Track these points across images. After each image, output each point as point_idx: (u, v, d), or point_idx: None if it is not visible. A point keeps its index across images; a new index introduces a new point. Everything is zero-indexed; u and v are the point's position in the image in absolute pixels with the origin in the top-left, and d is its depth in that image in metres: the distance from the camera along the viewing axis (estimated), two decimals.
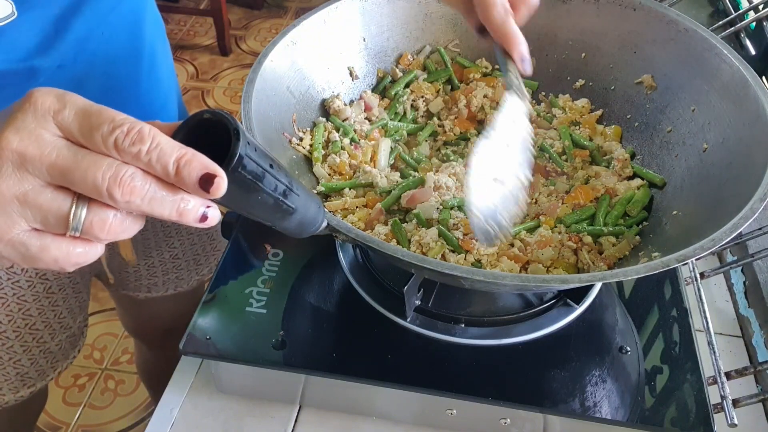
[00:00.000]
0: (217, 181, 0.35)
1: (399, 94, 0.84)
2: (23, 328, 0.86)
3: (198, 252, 1.07)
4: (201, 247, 1.07)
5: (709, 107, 0.70)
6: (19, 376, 0.89)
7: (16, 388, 0.90)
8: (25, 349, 0.88)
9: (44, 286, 0.86)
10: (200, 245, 1.07)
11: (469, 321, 0.69)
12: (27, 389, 0.91)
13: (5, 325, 0.84)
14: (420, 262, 0.53)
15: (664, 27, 0.75)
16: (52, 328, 0.90)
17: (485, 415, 0.66)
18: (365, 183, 0.74)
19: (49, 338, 0.90)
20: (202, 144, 0.37)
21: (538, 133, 0.82)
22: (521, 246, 0.68)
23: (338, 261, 0.75)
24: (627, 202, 0.71)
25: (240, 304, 0.70)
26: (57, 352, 0.93)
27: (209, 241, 1.09)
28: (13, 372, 0.88)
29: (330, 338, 0.68)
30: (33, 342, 0.88)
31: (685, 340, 0.68)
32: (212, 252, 1.10)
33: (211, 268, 1.12)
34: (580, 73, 0.84)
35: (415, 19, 0.85)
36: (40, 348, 0.90)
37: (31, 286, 0.84)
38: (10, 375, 0.88)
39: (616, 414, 0.62)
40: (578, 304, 0.71)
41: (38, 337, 0.88)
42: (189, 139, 0.38)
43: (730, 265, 0.84)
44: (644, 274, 0.51)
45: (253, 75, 0.67)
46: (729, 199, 0.59)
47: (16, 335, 0.86)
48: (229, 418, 0.71)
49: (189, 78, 2.83)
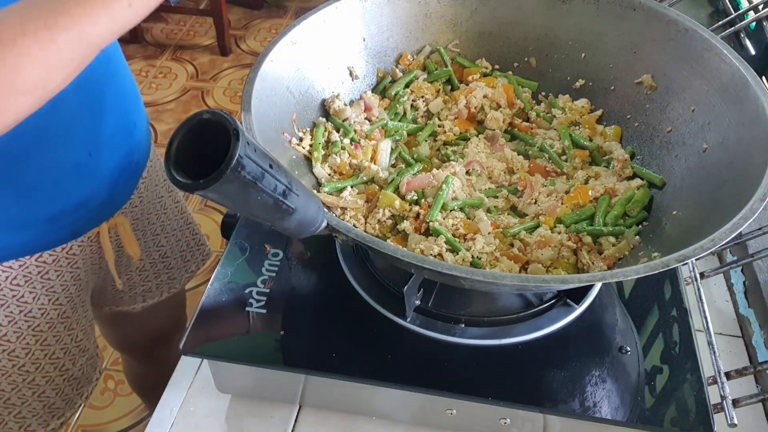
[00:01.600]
0: None
1: (399, 94, 0.84)
2: (43, 359, 0.84)
3: (183, 247, 1.07)
4: (185, 242, 1.07)
5: (709, 107, 0.70)
6: (46, 409, 0.87)
7: (45, 421, 0.88)
8: (47, 380, 0.86)
9: (58, 312, 0.84)
10: (184, 240, 1.06)
11: (469, 321, 0.69)
12: (57, 420, 0.89)
13: (23, 359, 0.82)
14: (420, 262, 0.53)
15: (664, 27, 0.75)
16: (71, 353, 0.88)
17: (485, 415, 0.66)
18: (367, 180, 0.74)
19: (71, 364, 0.88)
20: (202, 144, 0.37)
21: (538, 134, 0.83)
22: (521, 246, 0.68)
23: (338, 261, 0.75)
24: (627, 202, 0.71)
25: (240, 304, 0.70)
26: (81, 377, 0.91)
27: (192, 235, 1.09)
28: (40, 406, 0.86)
29: (330, 338, 0.68)
30: (55, 371, 0.86)
31: (685, 340, 0.68)
32: (197, 246, 1.10)
33: (198, 263, 1.12)
34: (580, 73, 0.84)
35: (415, 19, 0.85)
36: (63, 376, 0.88)
37: (45, 313, 0.82)
38: (37, 409, 0.86)
39: (616, 414, 0.62)
40: (578, 304, 0.71)
41: (60, 366, 0.87)
42: (188, 139, 0.38)
43: (730, 265, 0.84)
44: (644, 274, 0.51)
45: (252, 75, 0.67)
46: (729, 199, 0.59)
47: (36, 367, 0.84)
48: (229, 418, 0.71)
49: (189, 78, 2.83)
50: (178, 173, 0.40)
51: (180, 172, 0.40)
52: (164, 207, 0.99)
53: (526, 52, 0.87)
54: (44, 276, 0.80)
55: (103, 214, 0.84)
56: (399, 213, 0.71)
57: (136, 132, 0.86)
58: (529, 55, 0.87)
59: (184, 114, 2.64)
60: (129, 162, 0.86)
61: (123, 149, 0.83)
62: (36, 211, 0.75)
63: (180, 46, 3.03)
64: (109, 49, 0.77)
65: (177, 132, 0.39)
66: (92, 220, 0.83)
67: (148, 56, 2.95)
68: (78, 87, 0.71)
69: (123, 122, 0.82)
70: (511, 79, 0.86)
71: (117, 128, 0.80)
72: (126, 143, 0.84)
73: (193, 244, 1.09)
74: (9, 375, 0.82)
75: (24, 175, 0.71)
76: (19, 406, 0.85)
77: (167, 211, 1.00)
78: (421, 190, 0.72)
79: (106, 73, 0.77)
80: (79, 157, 0.75)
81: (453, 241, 0.66)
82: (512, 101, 0.85)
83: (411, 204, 0.71)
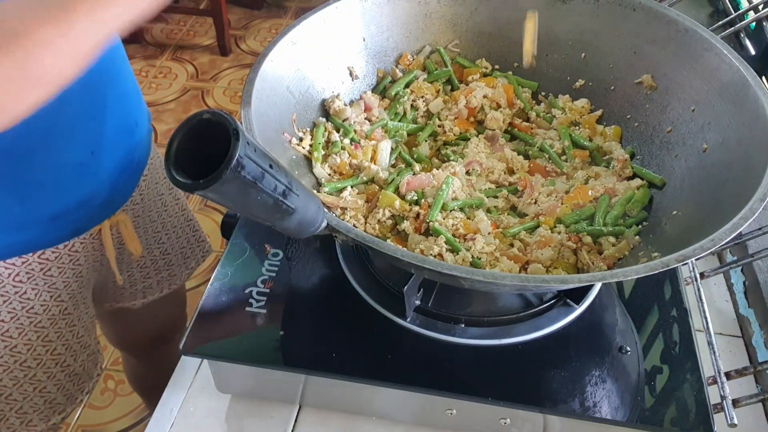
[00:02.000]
0: None
1: (399, 95, 0.84)
2: (44, 355, 0.84)
3: (184, 244, 1.07)
4: (185, 239, 1.07)
5: (709, 107, 0.70)
6: (47, 404, 0.88)
7: (47, 416, 0.89)
8: (49, 376, 0.86)
9: (60, 308, 0.84)
10: (185, 237, 1.07)
11: (469, 321, 0.69)
12: (58, 416, 0.90)
13: (25, 354, 0.82)
14: (420, 263, 0.53)
15: (664, 27, 0.75)
16: (73, 349, 0.88)
17: (485, 415, 0.66)
18: (367, 180, 0.74)
19: (72, 360, 0.89)
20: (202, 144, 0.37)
21: (538, 134, 0.83)
22: (521, 246, 0.68)
23: (338, 261, 0.75)
24: (627, 202, 0.71)
25: (240, 304, 0.70)
26: (82, 372, 0.92)
27: (192, 231, 1.09)
28: (41, 401, 0.87)
29: (330, 338, 0.68)
30: (57, 367, 0.87)
31: (685, 340, 0.68)
32: (197, 243, 1.10)
33: (199, 260, 1.12)
34: (580, 73, 0.84)
35: (415, 19, 0.85)
36: (64, 372, 0.88)
37: (46, 309, 0.82)
38: (39, 405, 0.87)
39: (616, 414, 0.62)
40: (578, 304, 0.71)
41: (61, 361, 0.87)
42: (188, 139, 0.38)
43: (730, 265, 0.84)
44: (644, 274, 0.51)
45: (252, 75, 0.67)
46: (729, 199, 0.59)
47: (37, 363, 0.84)
48: (229, 418, 0.71)
49: (189, 78, 2.83)
50: (178, 173, 0.40)
51: (180, 172, 0.40)
52: (165, 204, 1.00)
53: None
54: (47, 273, 0.80)
55: (105, 212, 0.85)
56: (399, 213, 0.71)
57: (137, 131, 0.86)
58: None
59: (184, 114, 2.64)
60: (130, 161, 0.86)
61: (125, 148, 0.83)
62: (38, 210, 0.75)
63: (180, 46, 3.03)
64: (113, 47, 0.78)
65: (177, 132, 0.39)
66: (94, 218, 0.83)
67: (148, 56, 2.95)
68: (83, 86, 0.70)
69: (125, 121, 0.82)
70: (511, 79, 0.86)
71: (119, 127, 0.81)
72: (127, 142, 0.84)
73: (194, 241, 1.09)
74: (11, 371, 0.82)
75: (27, 174, 0.71)
76: (20, 402, 0.85)
77: (168, 208, 1.01)
78: (421, 190, 0.72)
79: (110, 72, 0.78)
80: (81, 156, 0.75)
81: (453, 241, 0.66)
82: (512, 101, 0.85)
83: (411, 204, 0.71)
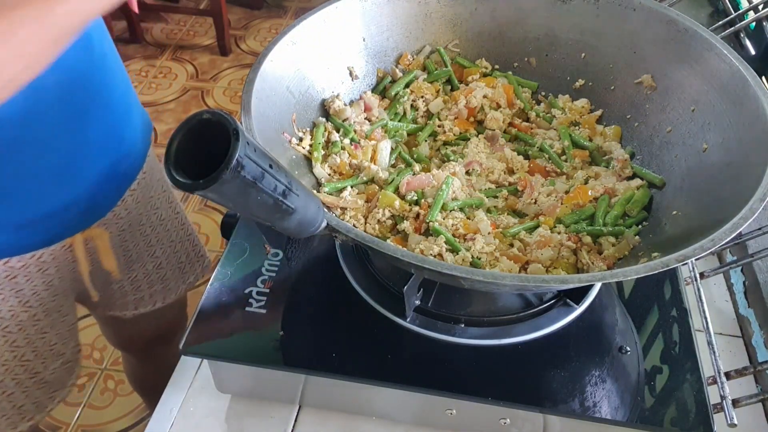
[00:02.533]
0: None
1: (399, 95, 0.84)
2: (11, 361, 0.83)
3: (182, 259, 1.04)
4: (184, 253, 1.04)
5: (709, 107, 0.70)
6: (15, 410, 0.86)
7: (14, 423, 0.87)
8: (17, 383, 0.84)
9: (28, 314, 0.82)
10: (183, 252, 1.04)
11: (469, 321, 0.69)
12: (26, 423, 0.88)
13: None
14: (420, 262, 0.53)
15: (664, 27, 0.75)
16: (43, 357, 0.86)
17: (485, 415, 0.66)
18: (367, 180, 0.74)
19: (42, 368, 0.87)
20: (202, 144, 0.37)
21: (538, 134, 0.83)
22: (521, 246, 0.68)
23: (338, 261, 0.75)
24: (626, 202, 0.71)
25: (240, 304, 0.70)
26: (53, 381, 0.89)
27: (192, 246, 1.06)
28: (9, 406, 0.85)
29: (330, 338, 0.68)
30: (25, 374, 0.85)
31: (685, 340, 0.68)
32: (196, 258, 1.07)
33: (198, 275, 1.09)
34: (580, 73, 0.84)
35: (415, 19, 0.85)
36: (33, 379, 0.86)
37: (14, 315, 0.80)
38: (6, 409, 0.85)
39: (616, 414, 0.62)
40: (578, 304, 0.71)
41: (30, 368, 0.85)
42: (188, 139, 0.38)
43: (730, 265, 0.84)
44: (644, 274, 0.51)
45: (252, 75, 0.67)
46: (729, 199, 0.59)
47: (5, 368, 0.82)
48: (228, 418, 0.71)
49: (189, 78, 2.83)
50: (178, 173, 0.40)
51: (180, 172, 0.40)
52: (161, 218, 0.96)
53: (526, 52, 0.87)
54: (12, 279, 0.78)
55: (79, 225, 0.82)
56: (399, 213, 0.71)
57: (124, 145, 0.83)
58: (529, 55, 0.87)
59: (184, 114, 2.64)
60: (114, 174, 0.83)
61: (107, 162, 0.80)
62: (4, 217, 0.72)
63: (180, 46, 3.03)
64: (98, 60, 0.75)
65: (177, 132, 0.39)
66: (66, 229, 0.81)
67: (148, 56, 2.95)
68: (59, 98, 0.69)
69: (107, 137, 0.79)
70: (511, 79, 0.86)
71: (100, 142, 0.78)
72: (111, 156, 0.81)
73: (193, 256, 1.07)
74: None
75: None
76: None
77: (164, 222, 0.98)
78: (421, 190, 0.72)
79: (93, 84, 0.75)
80: (55, 167, 0.73)
81: (453, 241, 0.66)
82: (512, 101, 0.85)
83: (411, 204, 0.71)
